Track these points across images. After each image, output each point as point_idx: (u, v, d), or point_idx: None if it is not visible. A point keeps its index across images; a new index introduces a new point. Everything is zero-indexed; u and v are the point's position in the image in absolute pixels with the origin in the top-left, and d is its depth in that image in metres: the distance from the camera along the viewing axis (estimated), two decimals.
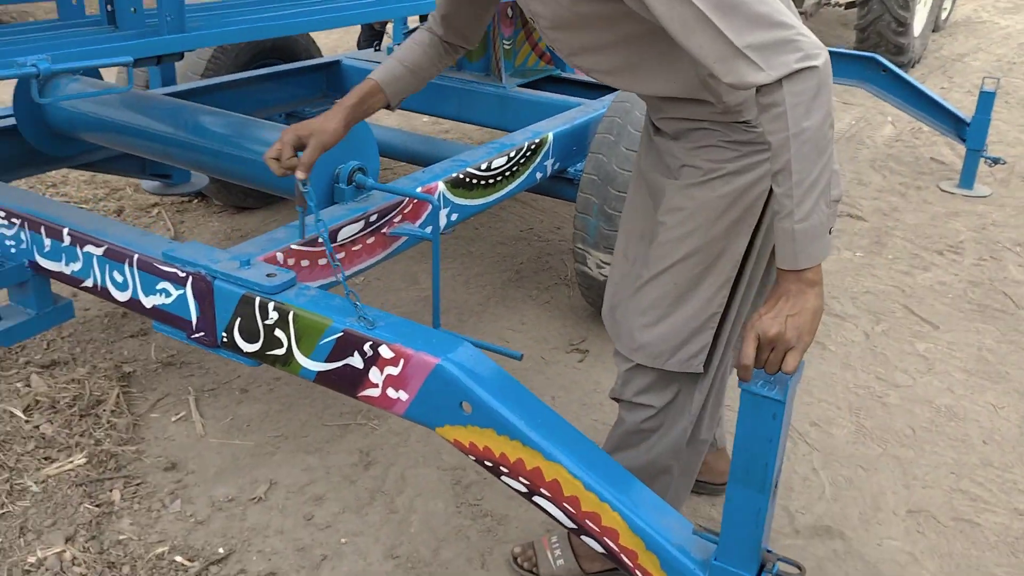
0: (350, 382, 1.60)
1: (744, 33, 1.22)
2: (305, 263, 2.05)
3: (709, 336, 1.66)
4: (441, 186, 2.44)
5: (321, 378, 1.65)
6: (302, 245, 2.02)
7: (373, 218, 2.20)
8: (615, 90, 3.29)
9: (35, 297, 2.19)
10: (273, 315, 1.69)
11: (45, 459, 2.26)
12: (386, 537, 2.08)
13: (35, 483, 2.17)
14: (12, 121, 2.63)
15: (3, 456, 2.25)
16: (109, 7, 1.80)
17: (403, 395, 1.53)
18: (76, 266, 2.04)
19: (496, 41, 3.68)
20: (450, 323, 3.06)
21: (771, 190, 1.39)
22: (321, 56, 4.16)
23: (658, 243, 1.65)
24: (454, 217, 2.54)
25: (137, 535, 2.03)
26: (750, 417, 1.31)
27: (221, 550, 2.01)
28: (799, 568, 1.45)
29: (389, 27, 5.99)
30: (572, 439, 1.46)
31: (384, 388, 1.55)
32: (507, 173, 2.73)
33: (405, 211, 2.30)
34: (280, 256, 1.96)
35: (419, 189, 2.35)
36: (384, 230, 2.25)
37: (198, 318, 1.85)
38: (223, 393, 2.62)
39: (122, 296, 1.99)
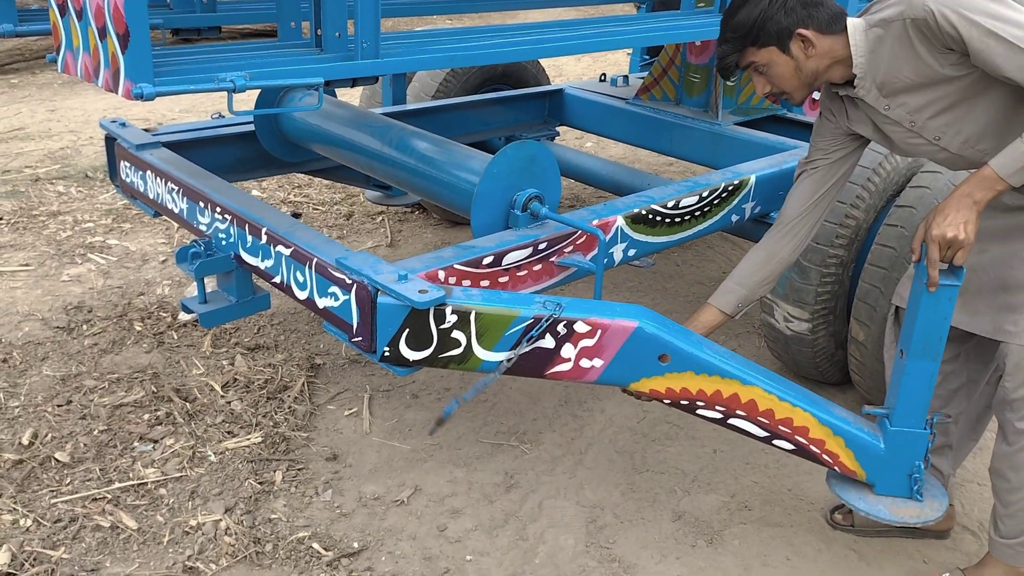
0: (539, 363, 1.81)
1: None
2: (467, 283, 2.12)
3: None
4: (620, 221, 2.41)
5: (504, 367, 1.80)
6: (465, 265, 2.09)
7: (542, 246, 2.22)
8: None
9: (237, 286, 2.42)
10: (452, 318, 1.81)
11: (228, 433, 2.50)
12: (510, 563, 2.08)
13: (214, 454, 2.41)
14: (251, 127, 2.96)
15: (195, 425, 2.52)
16: (318, 31, 1.96)
17: (597, 362, 1.80)
18: (269, 263, 2.24)
19: (718, 77, 3.59)
20: None
21: None
22: (548, 83, 4.28)
23: None
24: (631, 253, 2.50)
25: (287, 516, 2.19)
26: (931, 303, 1.73)
27: (356, 544, 2.11)
28: (948, 416, 1.94)
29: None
30: (755, 367, 1.86)
31: (577, 360, 1.80)
32: (696, 213, 2.65)
33: (578, 242, 2.30)
34: (442, 274, 2.03)
35: (596, 222, 2.35)
36: (552, 259, 2.27)
37: (358, 324, 1.96)
38: (396, 396, 2.76)
39: (301, 295, 2.16)
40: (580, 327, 1.77)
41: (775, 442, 1.86)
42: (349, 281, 1.96)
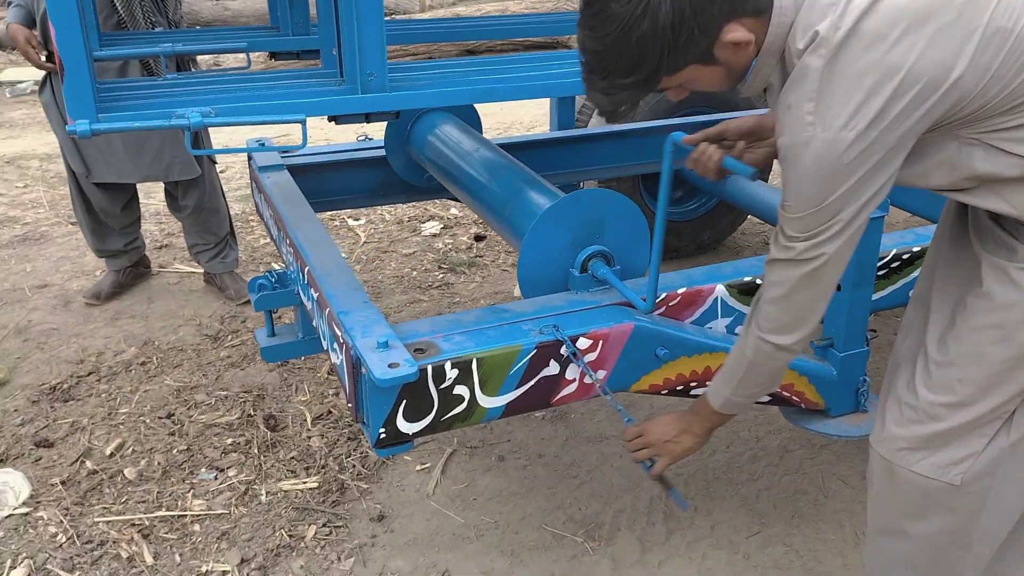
0: (544, 393, 1.73)
1: None
2: None
3: (980, 443, 1.35)
4: (720, 290, 1.95)
5: (510, 408, 1.72)
6: None
7: None
8: None
9: (302, 322, 2.32)
10: (452, 373, 1.65)
11: (290, 472, 2.40)
12: None
13: (266, 493, 2.31)
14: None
15: (265, 458, 2.45)
16: (340, 60, 1.76)
17: (600, 374, 1.75)
18: (310, 305, 2.09)
19: None
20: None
21: None
22: (762, 107, 3.72)
23: (963, 327, 1.36)
24: (738, 330, 2.02)
25: None
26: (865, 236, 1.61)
27: None
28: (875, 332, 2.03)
29: None
30: (729, 337, 1.91)
31: (581, 378, 1.73)
32: None
33: (668, 306, 1.89)
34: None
35: (683, 290, 1.91)
36: None
37: (348, 389, 1.74)
38: (480, 455, 2.49)
39: (325, 345, 1.98)
40: (582, 343, 1.69)
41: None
42: (342, 341, 1.74)
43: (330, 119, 1.81)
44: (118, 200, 3.29)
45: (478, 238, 4.03)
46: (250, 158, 2.84)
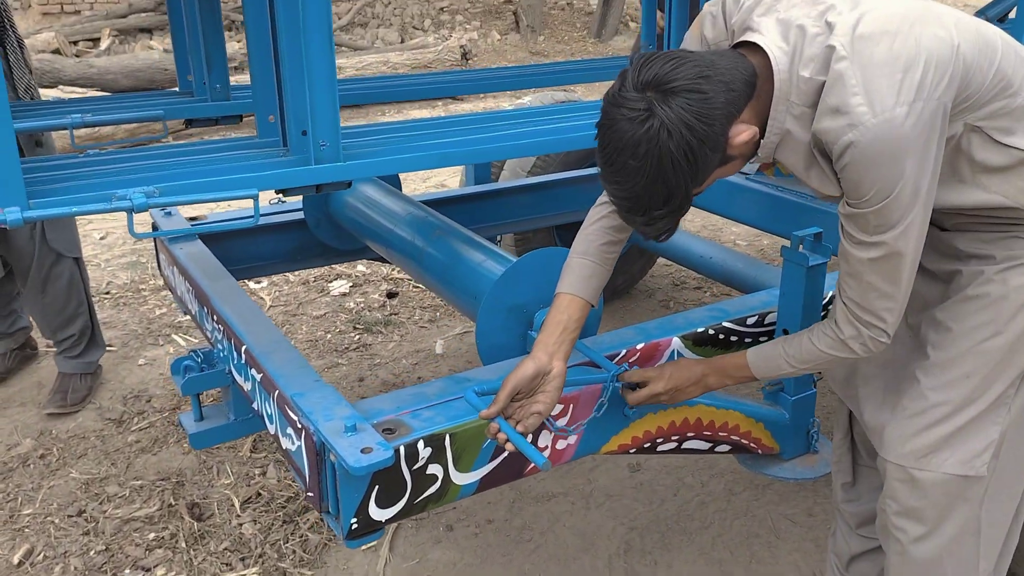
0: (517, 464, 1.65)
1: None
2: None
3: (994, 432, 1.47)
4: (676, 342, 1.95)
5: (485, 483, 1.64)
6: None
7: None
8: None
9: (234, 403, 2.17)
10: (425, 452, 1.54)
11: (226, 565, 2.22)
12: None
13: None
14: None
15: (195, 552, 2.27)
16: (283, 128, 1.67)
17: (571, 439, 1.70)
18: (249, 385, 1.96)
19: None
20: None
21: None
22: None
23: (958, 329, 1.48)
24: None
25: None
26: (810, 284, 1.88)
27: None
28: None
29: None
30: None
31: (554, 445, 1.67)
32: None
33: (628, 362, 1.86)
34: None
35: (641, 346, 1.89)
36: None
37: (309, 478, 1.63)
38: (428, 527, 2.39)
39: (271, 428, 1.85)
40: (555, 408, 1.58)
41: (716, 449, 1.93)
42: (300, 426, 1.63)
43: (277, 191, 1.72)
44: None
45: (390, 295, 3.93)
46: (155, 227, 2.67)
